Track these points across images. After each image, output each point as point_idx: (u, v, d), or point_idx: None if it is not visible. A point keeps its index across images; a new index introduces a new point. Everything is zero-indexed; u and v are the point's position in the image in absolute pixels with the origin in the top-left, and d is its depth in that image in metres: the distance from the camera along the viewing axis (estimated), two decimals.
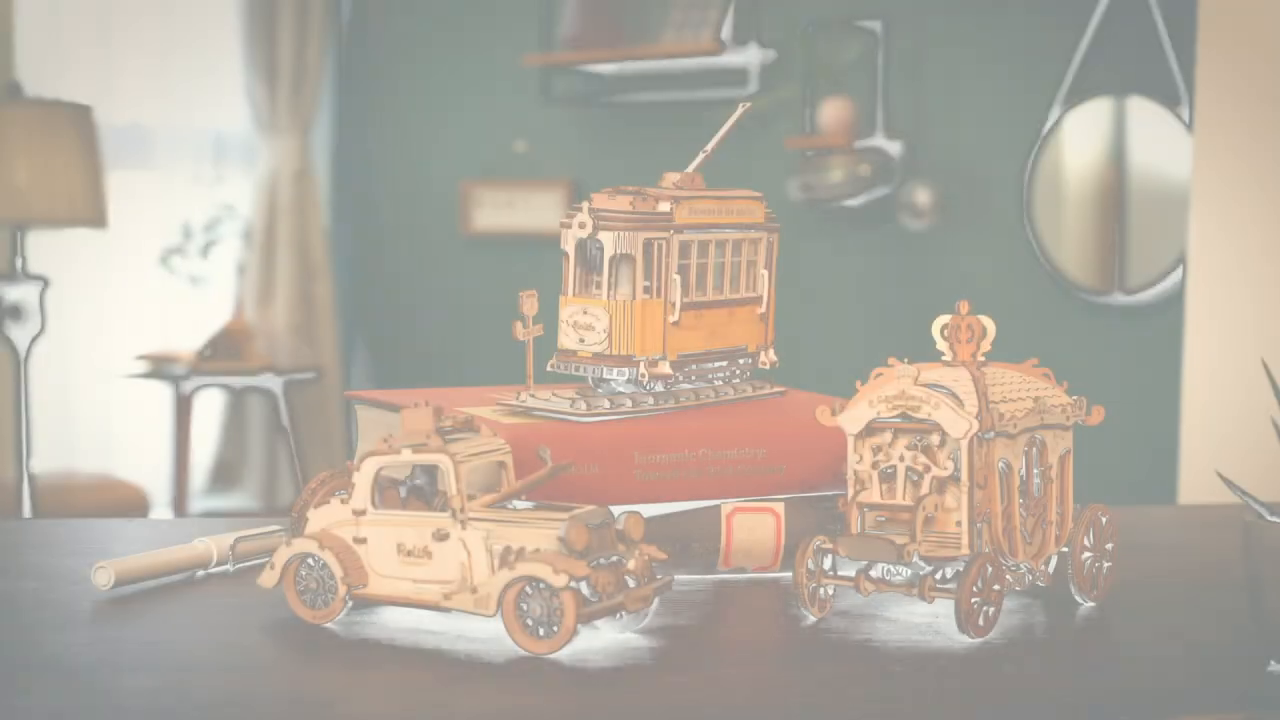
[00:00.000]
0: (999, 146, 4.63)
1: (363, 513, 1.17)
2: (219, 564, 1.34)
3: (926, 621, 1.20)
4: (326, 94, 5.83)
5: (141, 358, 5.21)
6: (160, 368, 5.19)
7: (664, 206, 1.36)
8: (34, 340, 4.31)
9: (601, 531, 1.13)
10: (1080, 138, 4.50)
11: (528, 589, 1.10)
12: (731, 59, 4.99)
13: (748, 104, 1.49)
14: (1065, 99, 4.46)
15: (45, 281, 4.29)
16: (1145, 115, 4.36)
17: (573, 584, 1.08)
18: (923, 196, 4.74)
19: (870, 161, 4.64)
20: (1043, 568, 1.26)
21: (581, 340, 1.36)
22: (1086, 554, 1.28)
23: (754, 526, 1.36)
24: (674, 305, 1.36)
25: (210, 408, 5.63)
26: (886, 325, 4.82)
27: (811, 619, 1.21)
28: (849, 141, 4.63)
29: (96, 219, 4.26)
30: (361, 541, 1.16)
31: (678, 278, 1.36)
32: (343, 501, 1.18)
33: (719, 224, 1.40)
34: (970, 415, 1.17)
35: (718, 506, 1.35)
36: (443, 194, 5.61)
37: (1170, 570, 1.41)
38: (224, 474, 5.64)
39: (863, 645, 1.14)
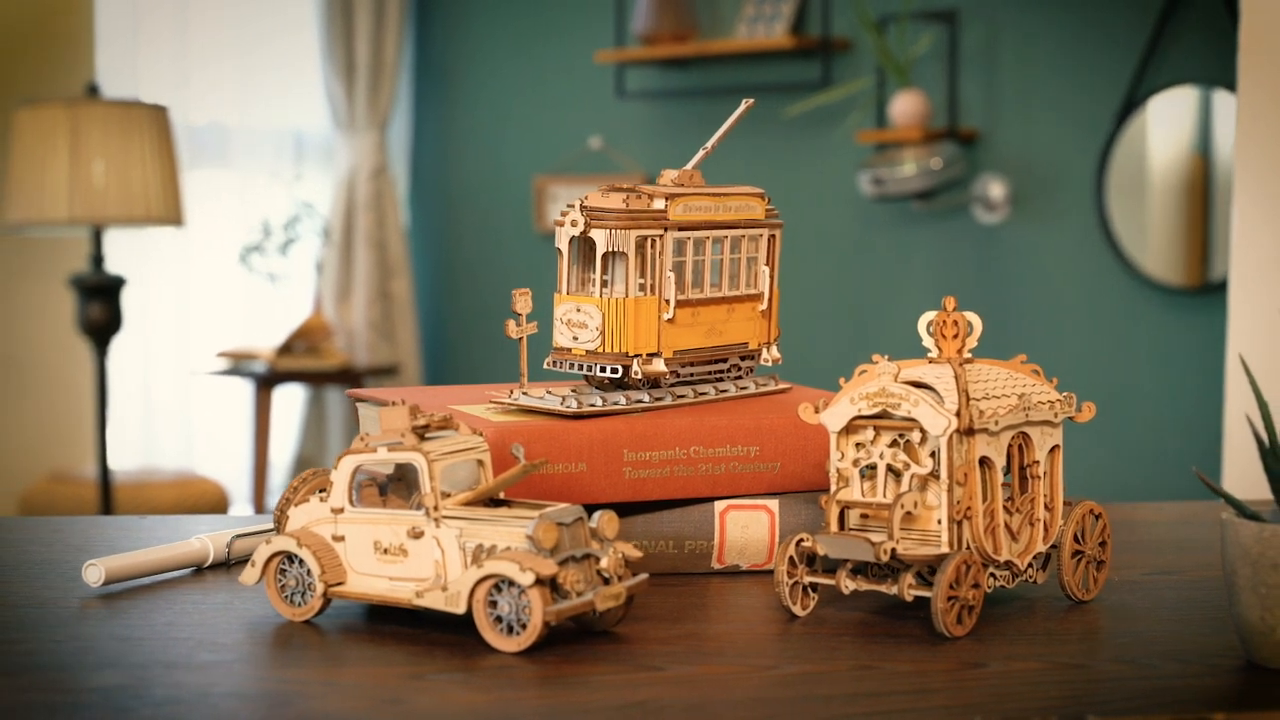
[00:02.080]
0: (1074, 137, 4.58)
1: (341, 511, 1.18)
2: (215, 561, 1.36)
3: (908, 619, 1.20)
4: (403, 91, 5.88)
5: (221, 355, 5.27)
6: (240, 365, 5.25)
7: (658, 204, 1.36)
8: (114, 339, 4.37)
9: (574, 529, 1.13)
10: (1159, 127, 4.44)
11: (497, 587, 1.10)
12: (804, 52, 4.98)
13: (751, 100, 1.49)
14: (1142, 88, 4.41)
15: (124, 280, 4.35)
16: (1226, 104, 4.30)
17: (541, 582, 1.09)
18: (996, 189, 4.70)
19: (942, 154, 4.60)
20: (1032, 566, 1.25)
21: (575, 338, 1.36)
22: (1077, 552, 1.26)
23: (748, 524, 1.36)
24: (668, 302, 1.36)
25: (289, 404, 5.69)
26: None
27: (794, 616, 1.21)
28: (921, 134, 4.60)
29: (173, 218, 4.31)
30: (340, 539, 1.17)
31: (672, 275, 1.36)
32: (322, 500, 1.19)
33: (715, 221, 1.40)
34: (949, 412, 1.16)
35: (711, 504, 1.35)
36: (517, 190, 5.64)
37: (1172, 569, 1.39)
38: (303, 470, 5.69)
39: (843, 643, 1.14)
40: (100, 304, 4.35)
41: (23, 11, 5.05)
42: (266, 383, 5.23)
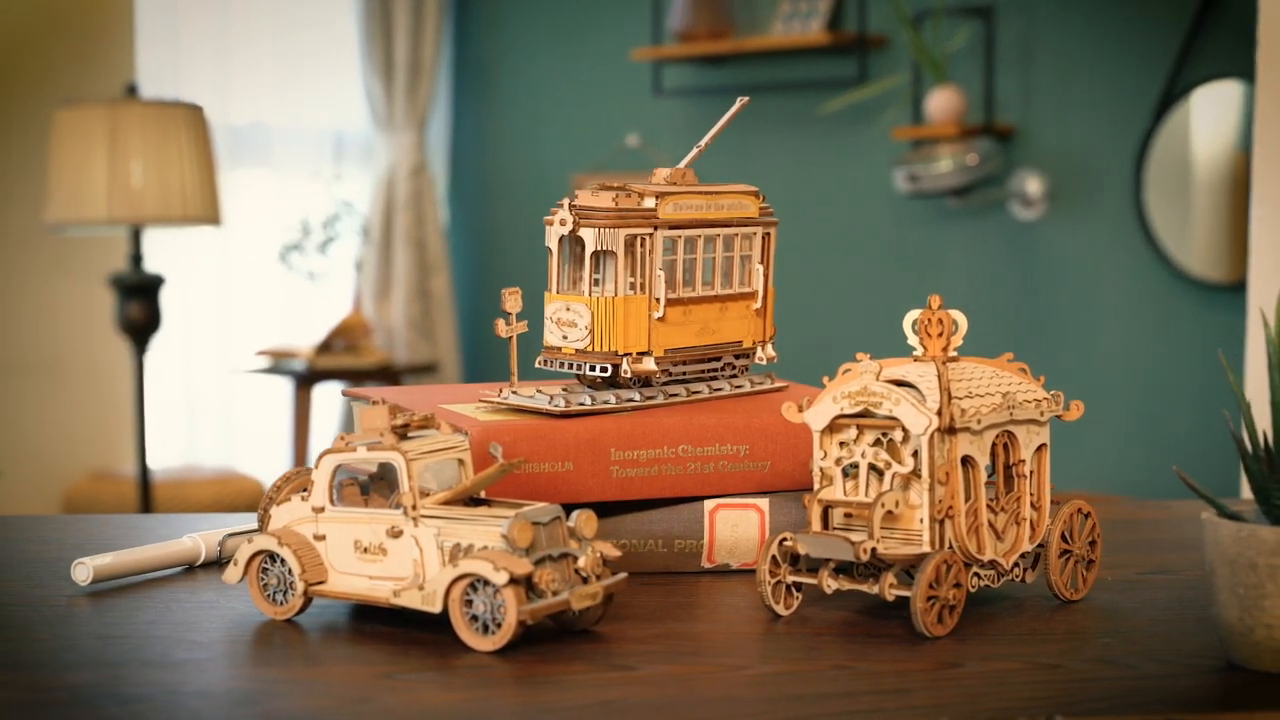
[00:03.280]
0: (1112, 132, 4.55)
1: (321, 510, 1.18)
2: (206, 560, 1.37)
3: (892, 619, 1.19)
4: (442, 90, 5.89)
5: (261, 353, 5.30)
6: (279, 363, 5.27)
7: (648, 203, 1.36)
8: (153, 338, 4.39)
9: (552, 529, 1.13)
10: (1201, 121, 4.41)
11: (473, 586, 1.10)
12: (840, 48, 4.97)
13: (746, 98, 1.48)
14: (1181, 82, 4.38)
15: (163, 279, 4.37)
16: None
17: (515, 581, 1.09)
18: (1033, 185, 4.68)
19: (978, 150, 4.58)
20: (1019, 566, 1.24)
21: (565, 337, 1.36)
22: (1065, 551, 1.26)
23: (738, 523, 1.35)
24: (658, 301, 1.36)
25: (329, 402, 5.71)
26: (997, 318, 4.77)
27: (777, 616, 1.21)
28: (957, 130, 4.58)
29: (211, 217, 4.33)
30: (321, 538, 1.18)
31: (661, 273, 1.36)
32: (303, 499, 1.19)
33: (707, 219, 1.40)
34: (930, 411, 1.15)
35: (701, 503, 1.35)
36: (555, 187, 5.64)
37: (1168, 568, 1.38)
38: None
39: (823, 643, 1.13)
40: (139, 303, 4.37)
41: (63, 12, 5.09)
42: (306, 381, 5.25)
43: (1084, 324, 4.64)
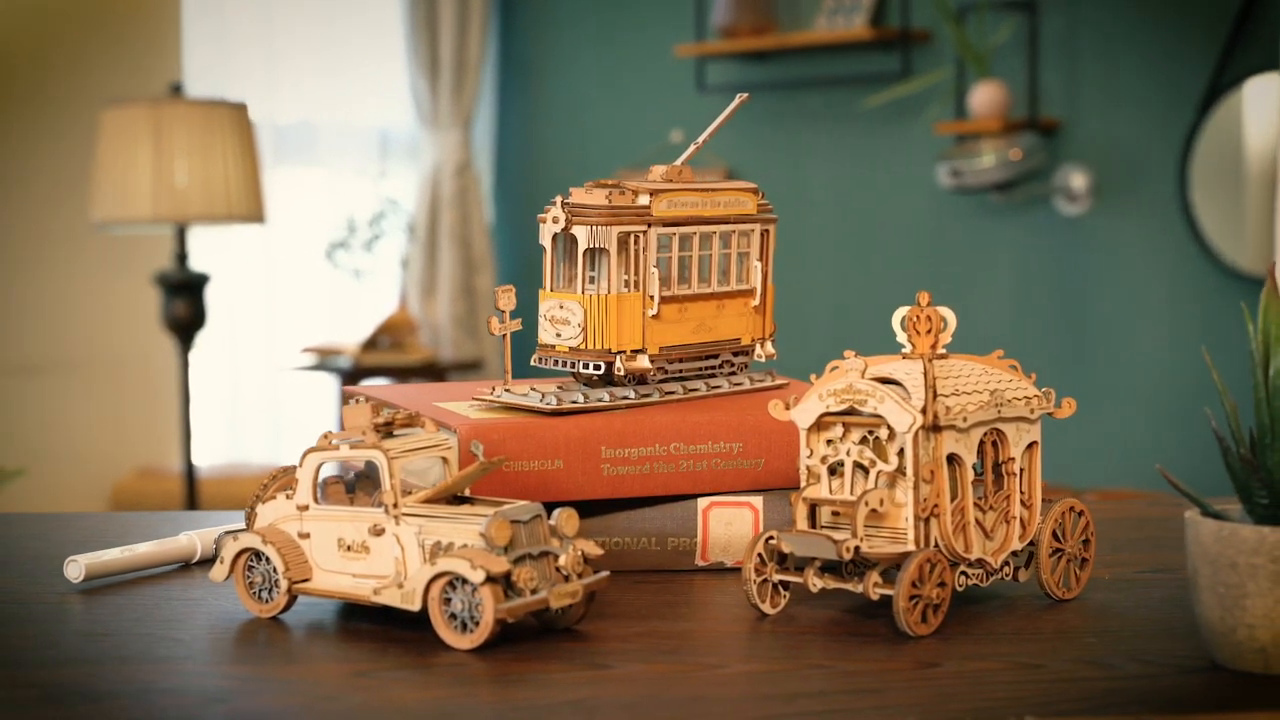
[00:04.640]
0: (1157, 126, 4.51)
1: (306, 508, 1.18)
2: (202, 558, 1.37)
3: (879, 618, 1.18)
4: (487, 88, 5.90)
5: (307, 350, 5.32)
6: (325, 360, 5.29)
7: (642, 200, 1.36)
8: (198, 335, 4.42)
9: (532, 527, 1.13)
10: (1252, 114, 4.36)
11: (451, 584, 1.10)
12: (883, 43, 4.95)
13: (745, 95, 1.48)
14: (1228, 74, 4.33)
15: (207, 277, 4.40)
16: None
17: (492, 579, 1.08)
18: (1078, 180, 4.64)
19: (1022, 145, 4.55)
20: (1009, 564, 1.23)
21: (558, 335, 1.36)
22: (1057, 550, 1.24)
23: (732, 521, 1.35)
24: (653, 298, 1.36)
25: None
26: (1040, 314, 4.73)
27: (764, 614, 1.20)
28: (1000, 125, 4.55)
29: (255, 215, 4.35)
30: (305, 537, 1.18)
31: (656, 271, 1.35)
32: (288, 497, 1.19)
33: (702, 216, 1.39)
34: (915, 409, 1.14)
35: (694, 501, 1.34)
36: None
37: (1169, 566, 1.37)
38: None
39: (805, 642, 1.13)
40: (184, 301, 4.40)
41: (109, 12, 5.13)
42: (351, 378, 5.27)
43: (1129, 319, 4.60)
